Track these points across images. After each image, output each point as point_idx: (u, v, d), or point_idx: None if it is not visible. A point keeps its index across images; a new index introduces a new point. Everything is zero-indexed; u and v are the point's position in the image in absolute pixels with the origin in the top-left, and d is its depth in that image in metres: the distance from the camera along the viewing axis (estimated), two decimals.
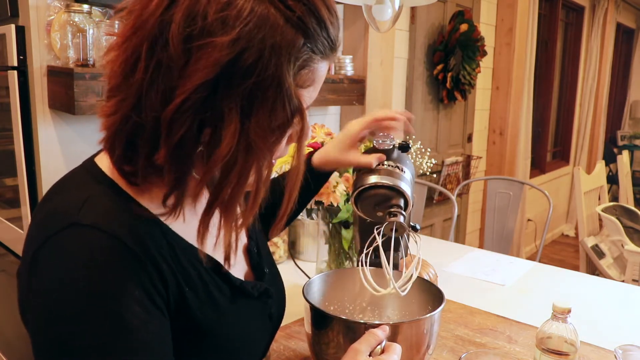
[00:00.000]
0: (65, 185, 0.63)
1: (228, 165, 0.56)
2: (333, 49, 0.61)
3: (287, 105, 0.56)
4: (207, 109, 0.54)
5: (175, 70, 0.53)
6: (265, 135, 0.56)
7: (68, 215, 0.56)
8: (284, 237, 1.70)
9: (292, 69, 0.56)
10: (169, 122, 0.54)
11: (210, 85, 0.53)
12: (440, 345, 1.13)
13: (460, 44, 2.93)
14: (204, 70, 0.52)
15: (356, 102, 2.14)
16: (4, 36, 1.40)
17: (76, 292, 0.53)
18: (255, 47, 0.53)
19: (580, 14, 5.07)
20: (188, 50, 0.53)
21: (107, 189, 0.60)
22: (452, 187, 3.20)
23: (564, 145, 5.35)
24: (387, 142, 0.94)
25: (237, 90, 0.54)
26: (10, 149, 1.47)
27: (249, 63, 0.53)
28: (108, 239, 0.55)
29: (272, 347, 1.10)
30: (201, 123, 0.55)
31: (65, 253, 0.55)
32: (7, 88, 1.43)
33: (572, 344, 0.92)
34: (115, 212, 0.58)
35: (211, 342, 0.65)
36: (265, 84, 0.54)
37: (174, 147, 0.55)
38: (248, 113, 0.55)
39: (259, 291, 0.74)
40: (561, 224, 5.45)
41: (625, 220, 3.28)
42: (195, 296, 0.63)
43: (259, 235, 0.85)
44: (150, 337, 0.57)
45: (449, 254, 1.80)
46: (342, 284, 0.99)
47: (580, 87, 5.28)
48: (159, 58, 0.54)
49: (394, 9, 1.48)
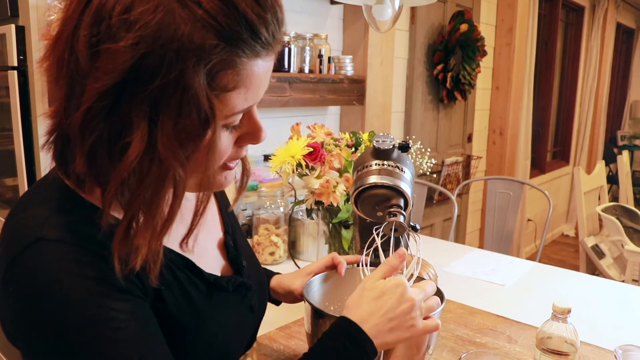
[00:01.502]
0: (31, 199, 0.63)
1: (139, 174, 0.53)
2: (265, 45, 0.55)
3: (195, 113, 0.52)
4: (114, 116, 0.52)
5: (82, 77, 0.52)
6: (172, 145, 0.52)
7: (33, 231, 0.56)
8: (284, 237, 1.70)
9: (201, 73, 0.51)
10: (79, 130, 0.53)
11: (115, 92, 0.51)
12: (440, 345, 1.13)
13: (460, 44, 2.93)
14: (106, 76, 0.50)
15: (356, 102, 2.14)
16: (4, 36, 1.40)
17: (55, 305, 0.53)
18: (157, 51, 0.49)
19: (580, 14, 5.08)
20: (93, 56, 0.51)
21: (68, 201, 0.60)
22: (452, 187, 3.20)
23: (564, 145, 5.35)
24: (387, 142, 0.94)
25: (142, 97, 0.51)
26: (10, 149, 1.47)
27: (152, 68, 0.50)
28: (76, 251, 0.55)
29: (272, 347, 1.10)
30: (111, 131, 0.53)
31: (35, 270, 0.54)
32: (7, 88, 1.43)
33: (572, 344, 0.92)
34: (79, 225, 0.57)
35: (191, 337, 0.66)
36: (169, 89, 0.51)
37: (87, 155, 0.54)
38: (155, 120, 0.52)
39: (234, 285, 0.74)
40: (561, 224, 5.45)
41: (625, 220, 3.28)
42: (171, 294, 0.64)
43: (237, 228, 0.85)
44: (141, 326, 0.57)
45: (449, 254, 1.80)
46: (342, 284, 0.99)
47: (580, 87, 5.28)
48: (72, 67, 0.53)
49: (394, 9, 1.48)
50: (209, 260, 0.75)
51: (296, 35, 1.91)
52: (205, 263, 0.72)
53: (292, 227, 1.74)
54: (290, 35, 1.87)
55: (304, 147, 1.33)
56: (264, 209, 1.70)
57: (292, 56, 1.87)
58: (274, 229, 1.68)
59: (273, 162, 1.36)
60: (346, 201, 1.33)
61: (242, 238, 0.87)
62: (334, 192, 1.31)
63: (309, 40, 1.94)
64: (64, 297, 0.53)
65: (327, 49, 2.00)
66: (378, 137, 0.95)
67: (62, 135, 0.58)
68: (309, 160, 1.33)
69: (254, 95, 0.58)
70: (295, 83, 1.85)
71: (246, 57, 0.54)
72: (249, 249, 0.88)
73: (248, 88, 0.56)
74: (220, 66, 0.52)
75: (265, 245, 1.67)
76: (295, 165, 1.32)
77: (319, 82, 1.95)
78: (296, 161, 1.32)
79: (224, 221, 0.83)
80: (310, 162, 1.33)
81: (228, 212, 0.85)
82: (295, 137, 1.39)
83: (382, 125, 2.37)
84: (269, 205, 1.70)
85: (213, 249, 0.78)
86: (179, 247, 0.69)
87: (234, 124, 0.59)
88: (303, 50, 1.93)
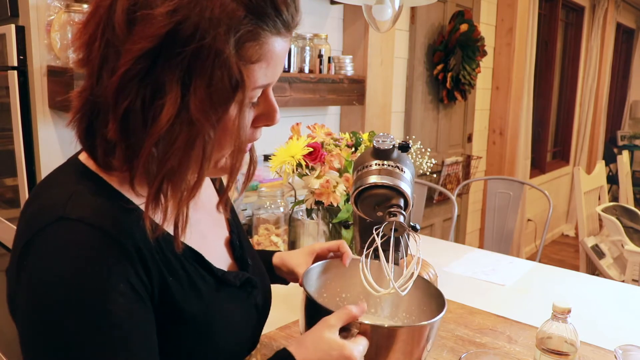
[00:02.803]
0: (52, 181, 0.65)
1: (169, 138, 0.56)
2: (285, 24, 0.60)
3: (226, 77, 0.56)
4: (149, 80, 0.55)
5: (119, 43, 0.55)
6: (205, 108, 0.56)
7: (55, 210, 0.58)
8: (284, 237, 1.70)
9: (232, 40, 0.55)
10: (114, 93, 0.56)
11: (151, 57, 0.54)
12: (440, 345, 1.13)
13: (460, 44, 2.93)
14: (143, 41, 0.54)
15: (356, 102, 2.14)
16: (4, 36, 1.40)
17: (62, 285, 0.55)
18: (193, 19, 0.54)
19: (580, 14, 5.08)
20: (130, 22, 0.55)
21: (91, 183, 0.62)
22: (452, 187, 3.20)
23: (564, 145, 5.35)
24: (387, 142, 0.94)
25: (176, 62, 0.54)
26: (10, 149, 1.47)
27: (187, 34, 0.54)
28: (93, 231, 0.57)
29: (273, 348, 1.10)
30: (145, 95, 0.56)
31: (52, 247, 0.56)
32: (7, 88, 1.43)
33: (572, 344, 0.92)
34: (100, 205, 0.59)
35: (196, 330, 0.67)
36: (202, 54, 0.54)
37: (120, 119, 0.56)
38: (188, 85, 0.55)
39: (241, 280, 0.76)
40: (561, 224, 5.45)
41: (625, 220, 3.28)
42: (179, 285, 0.65)
43: (240, 227, 0.87)
44: (135, 328, 0.58)
45: (449, 254, 1.80)
46: (344, 275, 0.98)
47: (580, 87, 5.28)
48: (109, 36, 0.56)
49: (394, 9, 1.48)
50: (217, 257, 0.76)
51: (296, 35, 1.91)
52: (214, 259, 0.73)
53: (292, 227, 1.74)
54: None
55: (304, 147, 1.33)
56: (264, 209, 1.70)
57: (292, 56, 1.87)
58: (274, 229, 1.68)
59: (273, 162, 1.36)
60: (346, 201, 1.33)
61: (246, 238, 0.88)
62: (334, 192, 1.31)
63: (309, 40, 1.94)
64: (71, 280, 0.55)
65: (327, 49, 2.00)
66: (378, 137, 0.95)
67: (91, 108, 0.60)
68: (309, 160, 1.33)
69: (272, 73, 0.62)
70: (295, 83, 1.85)
71: (269, 32, 0.59)
72: (252, 250, 0.89)
73: (269, 63, 0.60)
74: (247, 37, 0.57)
75: (265, 245, 1.67)
76: (295, 165, 1.32)
77: (319, 82, 1.95)
78: (296, 161, 1.32)
79: (228, 220, 0.84)
80: (310, 162, 1.33)
81: (232, 212, 0.86)
82: (295, 137, 1.39)
83: (382, 125, 2.37)
84: (269, 205, 1.70)
85: (220, 247, 0.80)
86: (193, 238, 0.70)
87: (253, 99, 0.62)
88: (303, 50, 1.93)
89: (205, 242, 0.74)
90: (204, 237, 0.75)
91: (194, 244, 0.70)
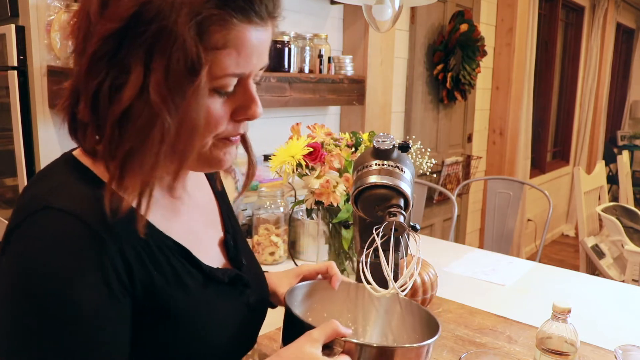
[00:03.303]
0: (43, 173, 0.66)
1: (130, 118, 0.57)
2: (258, 14, 0.59)
3: (182, 60, 0.56)
4: (115, 61, 0.57)
5: (93, 28, 0.58)
6: (162, 91, 0.56)
7: (40, 200, 0.59)
8: (284, 237, 1.70)
9: (192, 23, 0.55)
10: (85, 74, 0.58)
11: (117, 38, 0.56)
12: (440, 345, 1.13)
13: (460, 44, 2.93)
14: (110, 23, 0.56)
15: (356, 102, 2.14)
16: (4, 36, 1.40)
17: (34, 274, 0.56)
18: (157, 1, 0.55)
19: (580, 14, 5.08)
20: (103, 6, 0.57)
21: (78, 174, 0.63)
22: (452, 187, 3.20)
23: (564, 145, 5.35)
24: (387, 142, 0.94)
25: (139, 42, 0.56)
26: (10, 149, 1.47)
27: (150, 15, 0.55)
28: (73, 221, 0.57)
29: (273, 348, 1.10)
30: (113, 76, 0.57)
31: (33, 235, 0.57)
32: (7, 88, 1.43)
33: (572, 344, 0.92)
34: (84, 196, 0.60)
35: (183, 326, 0.66)
36: (163, 36, 0.55)
37: (91, 99, 0.58)
38: (149, 66, 0.56)
39: (230, 276, 0.75)
40: (561, 224, 5.45)
41: (625, 220, 3.28)
42: (164, 280, 0.64)
43: (236, 228, 0.86)
44: (103, 323, 0.58)
45: (449, 254, 1.80)
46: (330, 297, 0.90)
47: (580, 87, 5.28)
48: (86, 23, 0.59)
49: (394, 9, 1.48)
50: (209, 257, 0.75)
51: (296, 35, 1.91)
52: (205, 257, 0.73)
53: (292, 227, 1.74)
54: (290, 35, 1.87)
55: (304, 147, 1.33)
56: (264, 209, 1.70)
57: (292, 56, 1.87)
58: (274, 229, 1.68)
59: (273, 162, 1.36)
60: (346, 201, 1.33)
61: (243, 240, 0.87)
62: (334, 192, 1.31)
63: (309, 40, 1.94)
64: (44, 269, 0.56)
65: (327, 49, 2.00)
66: (378, 137, 0.95)
67: (73, 95, 0.62)
68: (309, 160, 1.33)
69: (246, 62, 0.61)
70: (295, 83, 1.85)
71: (238, 20, 0.58)
72: (249, 251, 0.88)
73: (239, 52, 0.59)
74: (211, 21, 0.56)
75: (265, 245, 1.67)
76: (295, 165, 1.32)
77: (319, 82, 1.95)
78: (296, 161, 1.32)
79: (224, 221, 0.84)
80: (310, 162, 1.33)
81: (229, 214, 0.86)
82: (295, 137, 1.39)
83: (382, 125, 2.37)
84: (269, 205, 1.70)
85: (214, 246, 0.79)
86: (169, 193, 0.71)
87: (226, 88, 0.61)
88: (303, 50, 1.93)
89: (197, 240, 0.73)
90: (196, 235, 0.74)
91: (183, 240, 0.69)
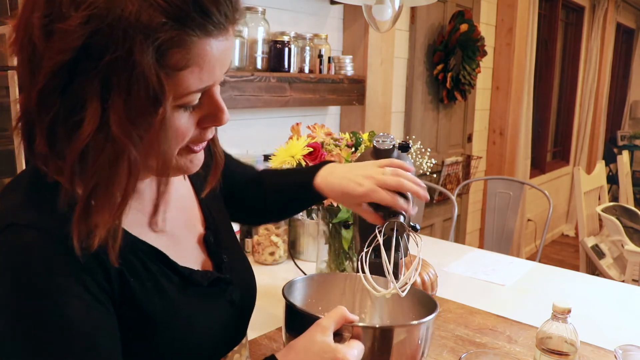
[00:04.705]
0: (9, 188, 0.64)
1: (94, 152, 0.54)
2: (217, 25, 0.56)
3: (143, 91, 0.52)
4: (68, 94, 0.53)
5: (39, 59, 0.53)
6: (124, 124, 0.53)
7: (6, 217, 0.57)
8: (284, 237, 1.70)
9: (150, 51, 0.52)
10: (36, 108, 0.55)
11: (67, 71, 0.52)
12: (440, 345, 1.13)
13: (460, 44, 2.93)
14: (58, 55, 0.52)
15: (356, 102, 2.14)
16: (4, 36, 1.40)
17: (14, 292, 0.54)
18: (106, 30, 0.51)
19: (580, 14, 5.08)
20: (46, 36, 0.53)
21: (45, 188, 0.60)
22: (452, 187, 3.20)
23: (564, 145, 5.35)
24: (387, 142, 0.94)
25: (92, 75, 0.52)
26: (10, 149, 1.47)
27: (100, 46, 0.51)
28: (44, 237, 0.56)
29: (272, 348, 1.10)
30: (67, 109, 0.54)
31: (2, 254, 0.55)
32: (7, 88, 1.43)
33: (572, 344, 0.92)
34: (52, 210, 0.57)
35: (164, 330, 0.66)
36: (118, 67, 0.51)
37: (47, 133, 0.55)
38: (106, 99, 0.53)
39: (209, 280, 0.74)
40: (561, 224, 5.45)
41: (625, 220, 3.28)
42: (141, 286, 0.64)
43: (221, 224, 0.84)
44: (93, 330, 0.57)
45: (449, 254, 1.80)
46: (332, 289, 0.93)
47: (580, 87, 5.28)
48: (30, 49, 0.54)
49: (394, 9, 1.48)
50: (187, 255, 0.74)
51: (296, 35, 1.91)
52: (183, 258, 0.71)
53: (292, 227, 1.74)
54: (290, 35, 1.87)
55: (304, 147, 1.33)
56: None
57: (292, 56, 1.87)
58: (274, 229, 1.68)
59: (273, 162, 1.36)
60: None
61: (228, 235, 0.85)
62: None
63: (309, 40, 1.94)
64: (24, 286, 0.54)
65: (327, 49, 2.00)
66: (378, 137, 0.95)
67: (28, 121, 0.58)
68: (309, 160, 1.33)
69: (209, 75, 0.58)
70: (295, 83, 1.85)
71: (196, 37, 0.55)
72: (234, 245, 0.86)
73: (202, 67, 0.57)
74: (169, 44, 0.53)
75: (265, 245, 1.67)
76: (295, 165, 1.32)
77: (319, 82, 1.95)
78: (296, 161, 1.32)
79: (205, 217, 0.82)
80: (310, 162, 1.33)
81: (210, 206, 0.83)
82: (295, 137, 1.39)
83: (382, 125, 2.37)
84: None
85: (192, 244, 0.77)
86: (150, 229, 0.68)
87: (191, 103, 0.59)
88: (303, 50, 1.93)
89: (174, 240, 0.72)
90: (173, 235, 0.73)
91: (160, 243, 0.68)
